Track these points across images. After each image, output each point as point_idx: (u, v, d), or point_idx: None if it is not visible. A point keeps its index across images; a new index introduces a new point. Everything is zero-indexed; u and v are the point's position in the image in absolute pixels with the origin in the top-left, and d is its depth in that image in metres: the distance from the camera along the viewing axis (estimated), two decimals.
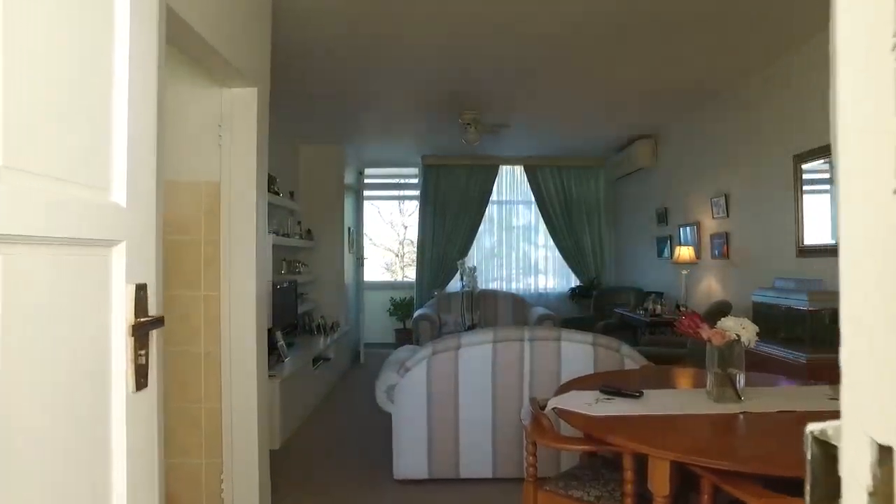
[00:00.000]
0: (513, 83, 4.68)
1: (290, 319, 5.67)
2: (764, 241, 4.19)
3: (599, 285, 7.57)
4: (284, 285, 5.38)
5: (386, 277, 8.86)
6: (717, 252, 4.92)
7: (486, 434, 3.21)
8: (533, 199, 7.79)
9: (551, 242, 7.81)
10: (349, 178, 7.43)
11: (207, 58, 2.31)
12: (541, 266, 8.00)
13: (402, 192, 8.61)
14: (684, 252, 5.04)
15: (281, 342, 4.73)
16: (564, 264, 7.81)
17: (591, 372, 3.19)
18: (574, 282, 7.82)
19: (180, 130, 2.59)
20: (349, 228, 7.41)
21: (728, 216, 4.73)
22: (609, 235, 7.88)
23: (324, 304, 6.95)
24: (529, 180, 7.76)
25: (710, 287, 5.05)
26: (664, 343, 4.71)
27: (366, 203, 8.58)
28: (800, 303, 3.12)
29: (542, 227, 7.83)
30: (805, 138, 3.63)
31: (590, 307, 7.40)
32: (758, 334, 2.03)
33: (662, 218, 6.10)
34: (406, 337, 7.49)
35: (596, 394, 2.15)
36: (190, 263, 2.62)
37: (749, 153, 4.40)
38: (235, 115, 2.63)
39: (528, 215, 8.00)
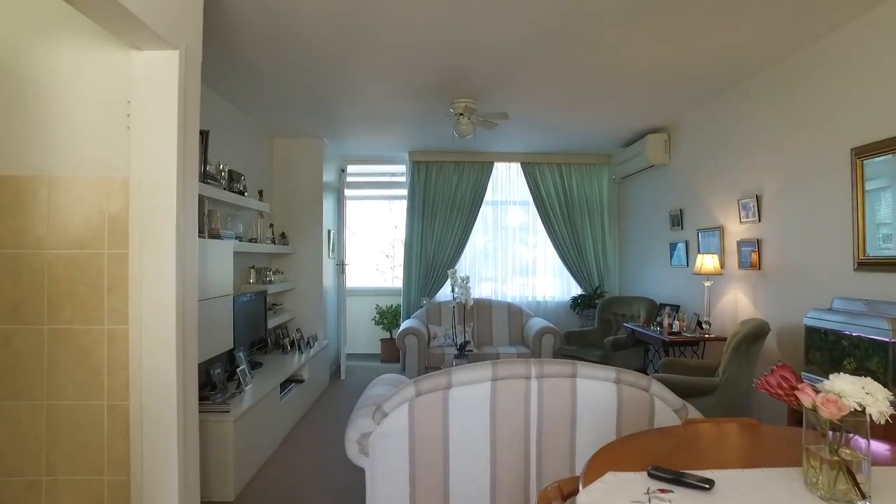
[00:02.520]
0: (510, 67, 4.03)
1: (257, 336, 4.99)
2: (809, 250, 3.57)
3: (602, 295, 6.94)
4: (247, 298, 4.69)
5: (371, 283, 8.18)
6: (745, 261, 4.29)
7: (484, 495, 2.56)
8: (531, 199, 7.14)
9: (550, 247, 7.17)
10: (329, 175, 6.75)
11: (106, 8, 1.65)
12: (539, 273, 7.35)
13: (388, 192, 7.93)
14: (707, 261, 4.41)
15: (243, 366, 4.06)
16: (565, 271, 7.17)
17: (615, 416, 2.58)
18: (575, 289, 7.19)
19: (72, 110, 1.92)
20: (329, 231, 6.73)
21: (760, 220, 4.11)
22: (614, 240, 7.25)
23: (301, 315, 6.28)
24: (527, 178, 7.11)
25: (737, 302, 4.43)
26: (687, 368, 4.08)
27: (350, 203, 7.91)
28: (877, 331, 2.49)
29: (541, 229, 7.19)
30: (869, 128, 3.01)
31: (593, 319, 6.76)
32: (824, 369, 1.39)
33: (677, 221, 5.48)
34: (393, 349, 6.82)
35: (644, 479, 1.51)
36: (88, 287, 1.95)
37: (789, 147, 3.78)
38: (150, 87, 1.96)
39: (525, 217, 7.35)
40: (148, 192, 1.95)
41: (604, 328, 6.07)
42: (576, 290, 7.16)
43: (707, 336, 4.38)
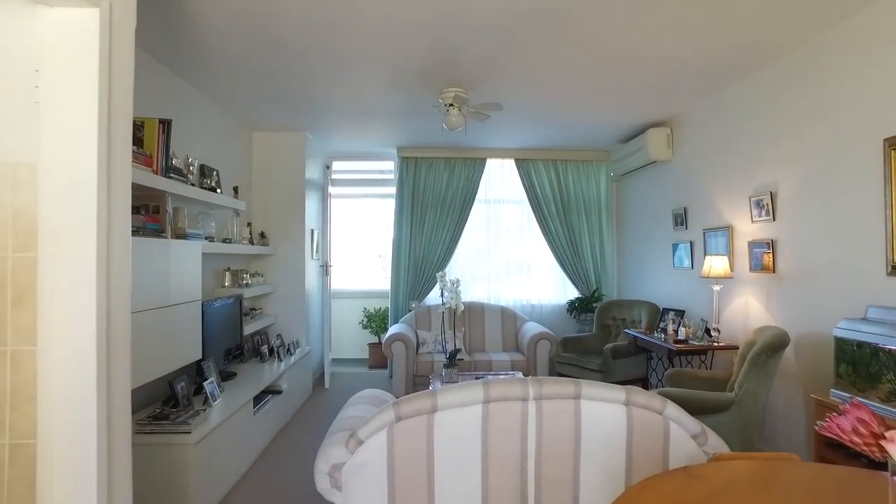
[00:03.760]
0: (503, 51, 3.69)
1: (232, 343, 4.62)
2: (833, 252, 3.25)
3: (600, 298, 6.61)
4: (221, 303, 4.33)
5: (360, 285, 7.81)
6: (756, 263, 3.97)
7: None
8: (525, 197, 6.80)
9: (545, 247, 6.83)
10: (313, 172, 6.39)
11: None
12: (534, 275, 7.01)
13: (376, 190, 7.57)
14: (717, 264, 4.08)
15: (212, 379, 3.69)
16: (561, 273, 6.83)
17: (624, 444, 2.25)
18: (571, 292, 6.85)
19: None
20: (313, 231, 6.37)
21: (774, 219, 3.78)
22: (611, 240, 6.93)
23: (282, 320, 5.91)
24: (521, 175, 6.77)
25: (748, 307, 4.10)
26: (696, 380, 3.75)
27: (338, 202, 7.55)
28: None
29: (536, 230, 6.85)
30: None
31: (591, 323, 6.44)
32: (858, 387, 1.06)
33: (680, 221, 5.15)
34: (381, 354, 6.46)
35: None
36: None
37: (810, 139, 3.46)
38: (63, 53, 1.59)
39: (519, 216, 7.01)
40: (63, 183, 1.59)
41: (602, 334, 5.74)
42: (572, 293, 6.83)
43: (717, 344, 4.06)
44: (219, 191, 4.44)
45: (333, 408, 5.29)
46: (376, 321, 7.41)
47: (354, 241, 7.81)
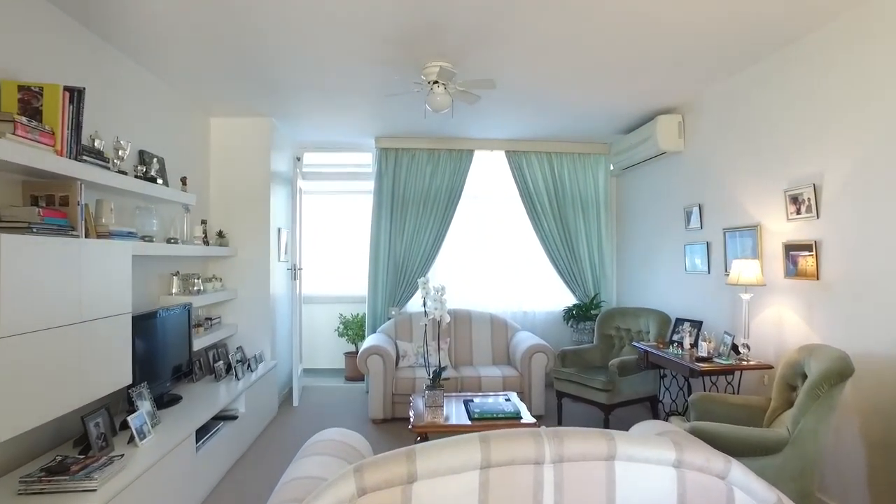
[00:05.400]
0: (494, 22, 3.06)
1: (179, 361, 3.93)
2: None
3: (600, 305, 6.02)
4: (165, 313, 3.65)
5: (336, 290, 7.14)
6: (793, 269, 3.39)
7: None
8: (517, 193, 6.18)
9: (539, 249, 6.22)
10: (280, 164, 5.70)
11: None
12: (526, 279, 6.39)
13: (353, 185, 6.89)
14: (748, 269, 3.49)
15: (142, 410, 3.00)
16: (555, 277, 6.22)
17: None
18: (566, 298, 6.24)
19: None
20: (280, 229, 5.68)
21: (818, 216, 3.20)
22: (611, 241, 6.34)
23: (244, 330, 5.23)
24: (512, 169, 6.15)
25: (782, 320, 3.52)
26: (727, 407, 3.15)
27: (314, 198, 6.87)
28: None
29: (528, 230, 6.23)
30: None
31: (590, 333, 5.84)
32: None
33: (694, 219, 4.57)
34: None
35: None
36: None
37: (867, 120, 2.88)
38: None
39: (510, 215, 6.37)
40: None
41: (605, 346, 5.13)
42: (568, 300, 6.22)
43: (747, 363, 3.47)
44: (160, 181, 3.74)
45: (301, 431, 4.62)
46: (353, 328, 6.75)
47: (329, 242, 7.14)
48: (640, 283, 5.73)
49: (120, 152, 3.20)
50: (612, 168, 6.16)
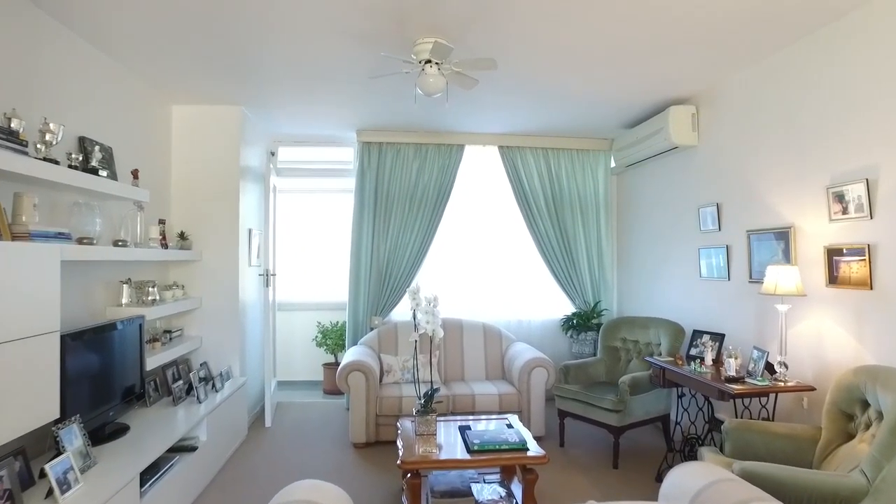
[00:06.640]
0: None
1: (129, 382, 3.37)
2: None
3: (601, 313, 5.57)
4: (112, 330, 3.09)
5: (313, 296, 6.61)
6: (838, 276, 2.97)
7: None
8: (511, 192, 5.70)
9: (535, 254, 5.75)
10: (252, 158, 5.15)
11: None
12: (521, 285, 5.91)
13: (334, 183, 6.36)
14: (786, 277, 3.04)
15: (68, 452, 2.45)
16: (552, 282, 5.76)
17: None
18: (563, 305, 5.78)
19: None
20: (251, 231, 5.13)
21: (871, 216, 2.78)
22: (611, 244, 5.89)
23: (209, 343, 4.67)
24: (506, 166, 5.68)
25: (822, 334, 3.09)
26: (770, 437, 2.70)
27: (284, 196, 6.33)
28: None
29: (523, 231, 5.76)
30: None
31: (591, 344, 5.39)
32: None
33: (712, 220, 4.14)
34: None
35: None
36: None
37: None
38: None
39: (503, 214, 5.88)
40: None
41: (610, 359, 4.67)
42: (566, 307, 5.76)
43: (784, 384, 3.03)
44: (104, 173, 3.17)
45: (274, 458, 4.07)
46: (333, 337, 6.22)
47: (308, 244, 6.59)
48: (645, 290, 5.29)
49: (48, 136, 2.65)
50: (612, 166, 5.72)
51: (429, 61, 3.28)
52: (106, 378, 3.12)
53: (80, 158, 2.95)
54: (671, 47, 3.40)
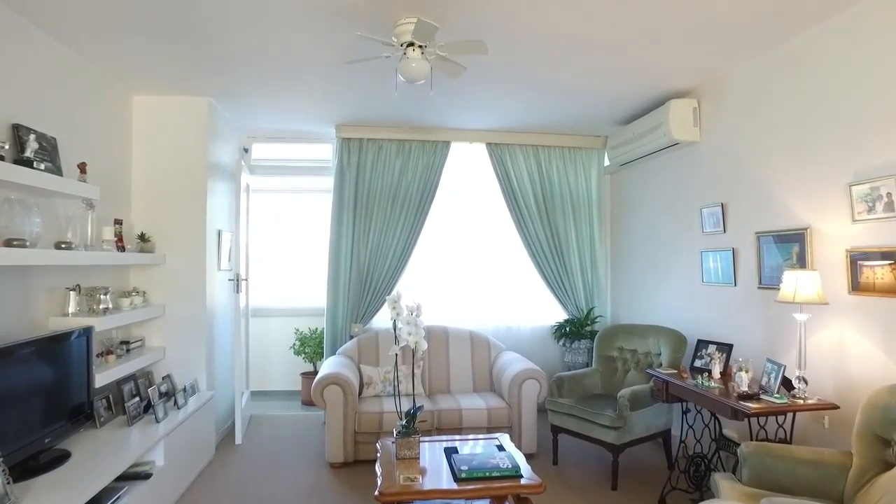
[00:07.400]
0: None
1: (74, 402, 3.00)
2: None
3: (595, 320, 5.27)
4: (54, 343, 2.71)
5: (290, 302, 6.26)
6: (860, 283, 2.69)
7: None
8: (499, 191, 5.40)
9: (525, 257, 5.44)
10: (222, 154, 4.78)
11: None
12: (509, 290, 5.60)
13: (312, 182, 6.01)
14: (806, 284, 2.76)
15: None
16: (543, 286, 5.45)
17: None
18: (555, 311, 5.48)
19: None
20: (220, 232, 4.75)
21: None
22: (605, 248, 5.60)
23: (173, 354, 4.29)
24: (494, 164, 5.37)
25: (844, 346, 2.81)
26: (793, 464, 2.41)
27: (259, 196, 5.97)
28: None
29: (512, 233, 5.45)
30: None
31: (584, 353, 5.09)
32: None
33: (715, 221, 3.87)
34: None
35: None
36: None
37: None
38: None
39: (491, 215, 5.57)
40: None
41: (606, 370, 4.38)
42: (558, 313, 5.46)
43: (804, 402, 2.74)
44: (42, 166, 2.80)
45: (242, 482, 3.70)
46: (311, 345, 5.87)
47: (284, 247, 6.24)
48: (642, 295, 5.01)
49: None
50: (605, 165, 5.44)
51: (411, 44, 2.96)
52: (42, 399, 2.75)
53: (8, 147, 2.58)
54: (671, 34, 3.12)
